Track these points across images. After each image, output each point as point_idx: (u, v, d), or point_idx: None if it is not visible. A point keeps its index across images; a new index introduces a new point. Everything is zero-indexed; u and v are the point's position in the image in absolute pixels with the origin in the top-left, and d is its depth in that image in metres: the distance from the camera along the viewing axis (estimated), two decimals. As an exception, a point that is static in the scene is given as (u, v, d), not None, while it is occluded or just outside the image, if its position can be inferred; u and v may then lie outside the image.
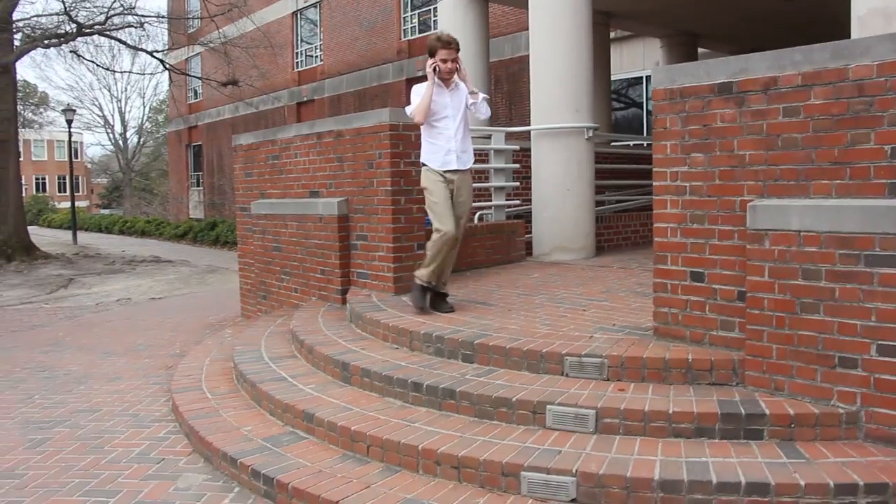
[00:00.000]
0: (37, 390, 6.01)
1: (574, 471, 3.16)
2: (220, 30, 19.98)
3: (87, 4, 18.10)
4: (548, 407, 3.64)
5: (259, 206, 7.76)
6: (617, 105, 17.32)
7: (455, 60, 5.22)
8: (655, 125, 4.24)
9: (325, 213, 6.59)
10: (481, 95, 5.40)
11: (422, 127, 5.37)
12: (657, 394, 3.70)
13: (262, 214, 7.68)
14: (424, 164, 5.37)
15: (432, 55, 5.22)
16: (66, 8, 16.88)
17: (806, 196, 3.60)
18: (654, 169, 4.22)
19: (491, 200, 8.18)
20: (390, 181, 5.98)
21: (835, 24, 11.77)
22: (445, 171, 5.26)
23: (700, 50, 14.64)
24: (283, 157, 7.39)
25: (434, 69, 5.20)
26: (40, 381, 6.33)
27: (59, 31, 18.00)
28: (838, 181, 3.51)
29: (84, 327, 9.16)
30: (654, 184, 4.23)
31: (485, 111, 5.39)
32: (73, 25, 17.61)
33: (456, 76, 5.33)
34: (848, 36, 5.58)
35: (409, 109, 5.33)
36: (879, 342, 3.29)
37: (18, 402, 5.67)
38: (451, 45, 5.20)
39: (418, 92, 5.29)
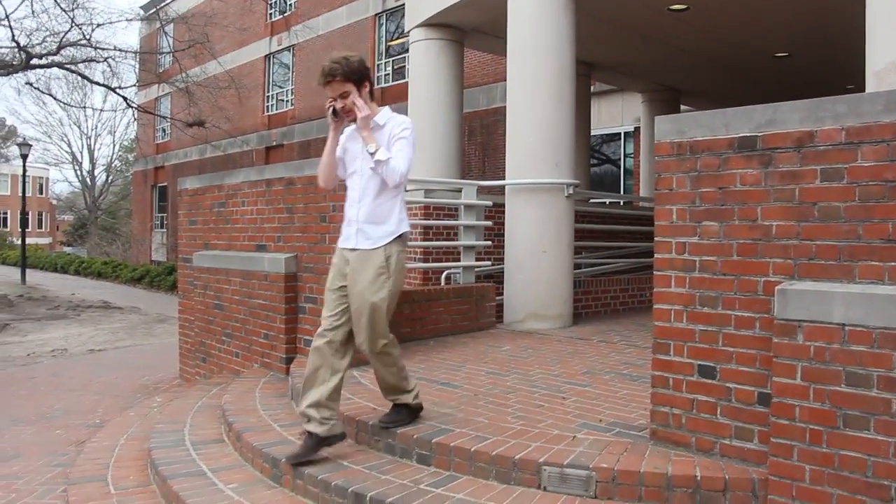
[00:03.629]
0: (-83, 469, 5.06)
1: None
2: (185, 72, 19.28)
3: (45, 35, 17.28)
4: (522, 539, 2.84)
5: (202, 257, 6.95)
6: (593, 161, 16.82)
7: (345, 96, 3.62)
8: (658, 185, 3.53)
9: (272, 270, 5.80)
10: (382, 153, 3.61)
11: None
12: (660, 523, 2.92)
13: (205, 267, 6.86)
14: None
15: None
16: (13, 35, 16.04)
17: (851, 281, 2.89)
18: (657, 238, 3.50)
19: (459, 260, 7.43)
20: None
21: (837, 82, 11.40)
22: (343, 249, 3.80)
23: (682, 107, 14.21)
24: (229, 204, 6.60)
25: (330, 110, 3.68)
26: (-74, 455, 5.38)
27: (10, 62, 17.14)
28: (894, 263, 2.81)
29: (2, 385, 8.21)
30: (656, 256, 3.51)
31: (392, 175, 3.61)
32: (24, 55, 16.71)
33: (369, 115, 3.68)
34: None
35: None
36: (949, 473, 2.56)
37: None
38: (330, 77, 3.60)
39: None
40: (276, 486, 3.76)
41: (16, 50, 16.57)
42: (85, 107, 37.10)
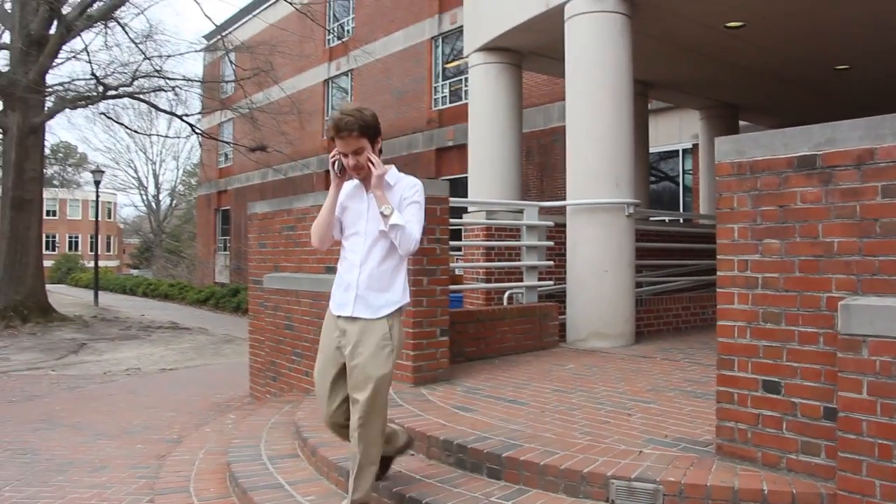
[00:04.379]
0: (11, 479, 5.36)
1: None
2: (249, 97, 19.89)
3: (120, 68, 18.11)
4: (592, 549, 2.94)
5: (272, 279, 7.20)
6: (651, 179, 16.78)
7: (358, 153, 3.30)
8: (720, 204, 3.61)
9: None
10: (397, 217, 3.28)
11: None
12: (728, 535, 2.98)
13: (275, 289, 7.11)
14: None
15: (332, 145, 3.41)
16: (92, 70, 16.87)
17: (915, 296, 2.94)
18: (719, 256, 3.58)
19: (522, 280, 7.54)
20: (411, 259, 5.38)
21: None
22: (339, 316, 3.43)
23: (741, 122, 14.11)
24: (298, 228, 6.84)
25: (334, 164, 3.37)
26: (19, 466, 5.69)
27: (88, 94, 17.98)
28: (957, 279, 2.85)
29: (83, 401, 8.57)
30: (719, 273, 3.58)
31: (407, 242, 3.29)
32: (101, 88, 17.54)
33: (384, 173, 3.37)
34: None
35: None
36: None
37: (-13, 494, 5.04)
38: (345, 132, 3.27)
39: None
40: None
41: (93, 82, 17.41)
42: (152, 134, 38.31)
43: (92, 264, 44.46)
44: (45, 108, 18.43)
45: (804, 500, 3.08)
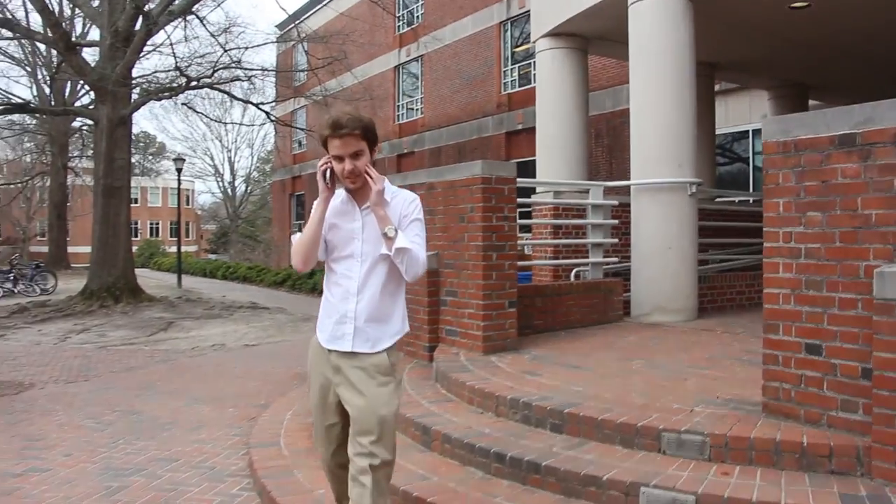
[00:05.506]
0: (122, 434, 5.99)
1: (672, 567, 2.81)
2: (323, 84, 20.49)
3: (198, 59, 18.93)
4: (641, 489, 3.29)
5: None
6: (721, 160, 16.74)
7: (357, 156, 2.85)
8: (766, 181, 3.89)
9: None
10: (403, 239, 2.84)
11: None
12: (766, 480, 3.30)
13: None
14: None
15: (326, 148, 2.90)
16: (176, 62, 17.66)
17: (944, 263, 3.19)
18: (765, 228, 3.86)
19: (588, 257, 7.85)
20: (482, 236, 5.77)
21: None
22: (331, 351, 2.94)
23: (811, 102, 14.01)
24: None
25: (324, 173, 2.90)
26: (128, 424, 6.33)
27: (171, 85, 18.82)
28: (982, 247, 3.09)
29: (176, 371, 9.23)
30: (765, 244, 3.87)
31: (414, 267, 2.87)
32: (184, 79, 18.37)
33: (384, 188, 2.91)
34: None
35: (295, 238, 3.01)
36: None
37: (104, 445, 5.66)
38: (345, 130, 2.81)
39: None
40: (426, 451, 4.34)
41: (175, 74, 18.25)
42: (229, 122, 39.51)
43: (172, 249, 46.23)
44: (132, 100, 19.35)
45: (841, 451, 3.36)
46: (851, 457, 3.36)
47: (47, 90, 32.94)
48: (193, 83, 18.81)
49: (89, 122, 24.44)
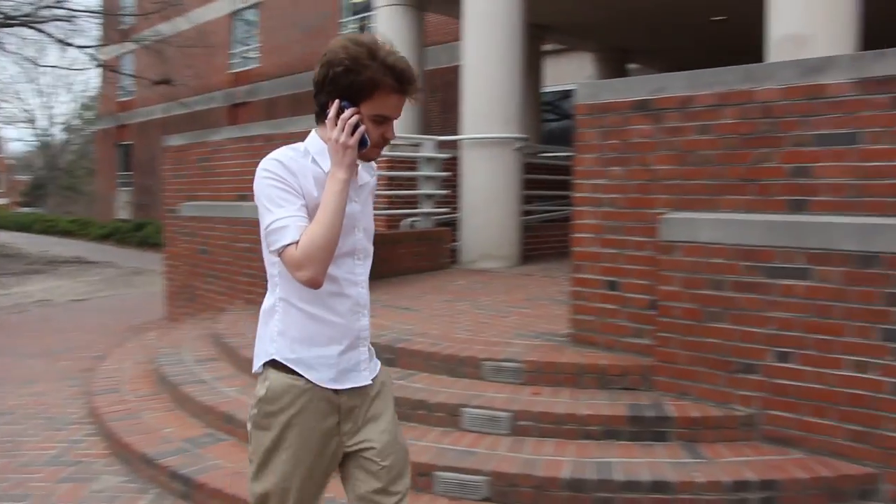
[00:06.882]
0: (-52, 392, 5.85)
1: (487, 471, 3.26)
2: (154, 27, 19.66)
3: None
4: (464, 409, 3.73)
5: (188, 208, 7.70)
6: (551, 117, 17.59)
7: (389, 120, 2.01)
8: (577, 139, 4.39)
9: (252, 217, 6.56)
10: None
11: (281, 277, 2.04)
12: (571, 398, 3.83)
13: (191, 217, 7.62)
14: (274, 365, 1.98)
15: (360, 95, 1.94)
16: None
17: (715, 210, 3.78)
18: (575, 181, 4.37)
19: (418, 207, 8.26)
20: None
21: (759, 47, 12.29)
22: (339, 391, 2.00)
23: (631, 66, 15.00)
24: (213, 159, 7.35)
25: (353, 130, 1.92)
26: (-48, 383, 6.16)
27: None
28: (745, 197, 3.71)
29: (0, 329, 8.93)
30: (575, 195, 4.38)
31: None
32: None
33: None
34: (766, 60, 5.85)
35: (281, 240, 1.87)
36: (777, 349, 3.48)
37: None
38: (413, 87, 2.02)
39: (278, 200, 1.93)
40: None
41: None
42: (48, 66, 36.85)
43: (-17, 201, 43.04)
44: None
45: (632, 371, 3.96)
46: (640, 375, 3.95)
47: None
48: (10, 21, 17.52)
49: None
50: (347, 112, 1.90)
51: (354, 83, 1.92)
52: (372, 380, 2.06)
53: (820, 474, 3.21)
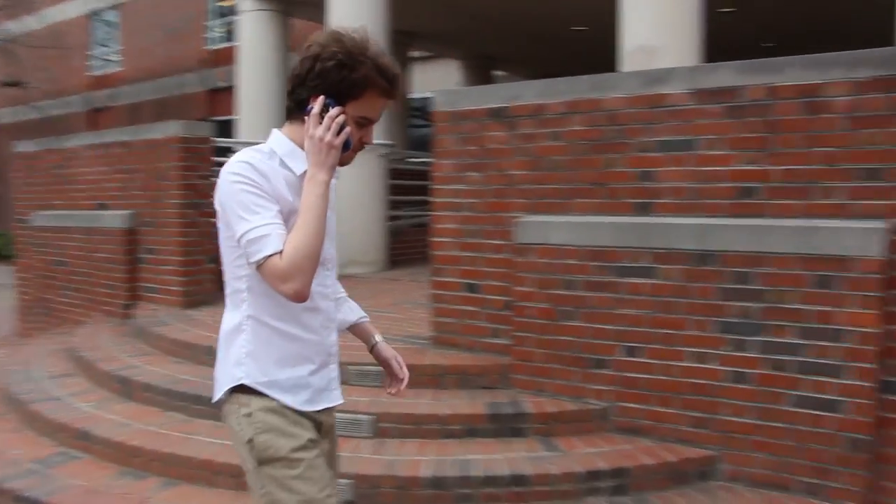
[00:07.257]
0: None
1: (351, 474, 3.29)
2: (0, 26, 18.62)
3: None
4: (328, 414, 3.74)
5: (42, 217, 7.34)
6: (420, 123, 17.77)
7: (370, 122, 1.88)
8: (436, 145, 4.48)
9: (112, 226, 6.36)
10: None
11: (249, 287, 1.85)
12: (433, 398, 3.92)
13: (45, 227, 7.27)
14: (253, 391, 1.83)
15: (349, 94, 1.77)
16: None
17: (567, 213, 3.96)
18: (435, 186, 4.47)
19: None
20: (181, 194, 5.87)
21: (615, 56, 12.85)
22: (317, 413, 1.93)
23: (497, 73, 15.35)
24: (68, 167, 7.04)
25: (339, 130, 1.77)
26: None
27: None
28: (595, 200, 3.90)
29: None
30: (435, 200, 4.47)
31: None
32: None
33: None
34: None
35: (263, 250, 1.70)
36: (627, 344, 3.68)
37: None
38: (398, 86, 1.84)
39: (252, 206, 1.74)
40: (127, 401, 4.47)
41: None
42: None
43: None
44: None
45: (491, 370, 4.10)
46: (498, 374, 4.09)
47: None
48: None
49: None
50: (335, 110, 1.76)
51: (346, 79, 1.76)
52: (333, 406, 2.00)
53: (665, 459, 3.43)
